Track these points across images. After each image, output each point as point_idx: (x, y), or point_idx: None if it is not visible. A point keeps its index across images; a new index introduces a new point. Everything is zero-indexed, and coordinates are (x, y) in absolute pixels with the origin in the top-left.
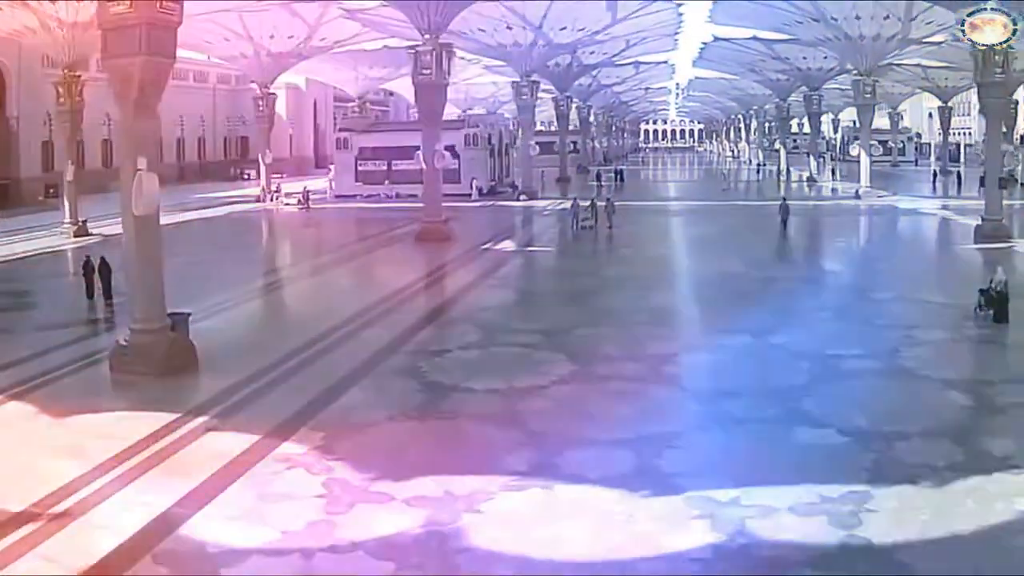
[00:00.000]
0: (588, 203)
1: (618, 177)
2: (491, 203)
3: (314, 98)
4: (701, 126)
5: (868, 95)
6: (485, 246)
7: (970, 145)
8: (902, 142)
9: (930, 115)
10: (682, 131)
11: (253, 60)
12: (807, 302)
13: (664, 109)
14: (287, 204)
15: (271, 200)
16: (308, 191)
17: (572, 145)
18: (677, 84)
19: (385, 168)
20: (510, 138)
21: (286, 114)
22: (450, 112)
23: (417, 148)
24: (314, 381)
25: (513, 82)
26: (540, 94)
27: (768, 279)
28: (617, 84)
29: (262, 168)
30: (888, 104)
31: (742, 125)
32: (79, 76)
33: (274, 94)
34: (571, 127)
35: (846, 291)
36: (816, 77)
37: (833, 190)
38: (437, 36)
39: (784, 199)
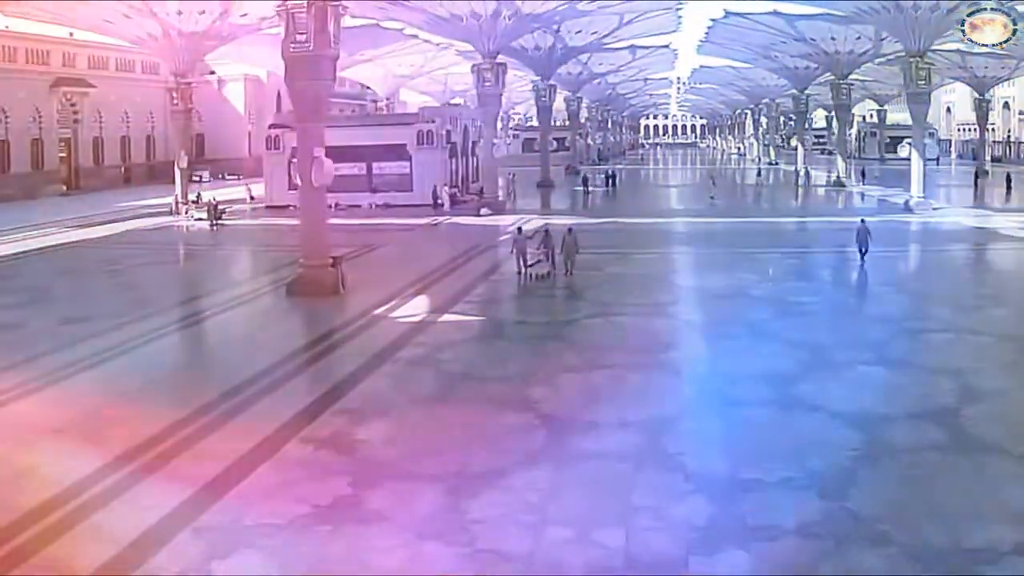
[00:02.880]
0: (540, 235)
1: (610, 181)
2: (443, 219)
3: (277, 90)
4: (704, 121)
5: (922, 81)
6: (382, 308)
7: (997, 142)
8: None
9: (948, 110)
10: (683, 127)
11: (164, 43)
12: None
13: (665, 103)
14: (198, 219)
15: (185, 213)
16: (217, 204)
17: (560, 143)
18: (679, 77)
19: None
20: (477, 135)
21: (244, 108)
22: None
23: (361, 148)
24: None
25: (474, 65)
26: (526, 85)
27: (863, 424)
28: (612, 73)
29: (177, 174)
30: None
31: (749, 120)
32: None
33: (190, 85)
34: (563, 122)
35: None
36: (845, 62)
37: (864, 197)
38: None
39: (863, 221)
